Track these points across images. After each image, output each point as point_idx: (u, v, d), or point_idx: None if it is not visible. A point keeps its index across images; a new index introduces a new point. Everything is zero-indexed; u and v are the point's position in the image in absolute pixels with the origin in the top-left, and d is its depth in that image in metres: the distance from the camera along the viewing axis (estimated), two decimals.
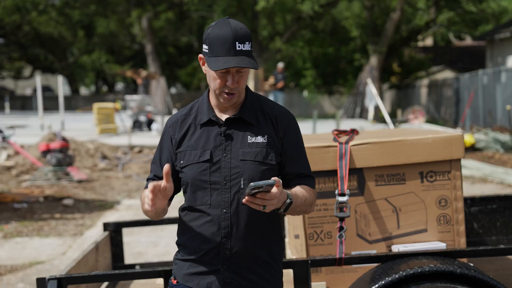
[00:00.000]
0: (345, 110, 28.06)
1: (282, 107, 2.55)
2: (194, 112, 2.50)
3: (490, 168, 11.65)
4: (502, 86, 19.69)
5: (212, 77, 2.38)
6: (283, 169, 2.49)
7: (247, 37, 2.36)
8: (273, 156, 2.43)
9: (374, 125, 20.94)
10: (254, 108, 2.47)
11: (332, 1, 29.04)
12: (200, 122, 2.46)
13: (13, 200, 9.39)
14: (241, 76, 2.38)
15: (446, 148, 3.20)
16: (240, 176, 2.38)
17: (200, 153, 2.42)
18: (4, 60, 39.60)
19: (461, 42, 40.30)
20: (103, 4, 34.08)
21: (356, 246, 3.22)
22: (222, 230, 2.37)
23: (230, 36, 2.32)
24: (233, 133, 2.43)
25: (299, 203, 2.37)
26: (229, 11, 28.33)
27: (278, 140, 2.46)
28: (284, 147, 2.47)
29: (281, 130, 2.47)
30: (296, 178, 2.50)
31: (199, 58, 2.46)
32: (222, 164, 2.39)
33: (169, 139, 2.50)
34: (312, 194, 2.48)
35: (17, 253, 6.98)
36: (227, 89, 2.37)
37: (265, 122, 2.46)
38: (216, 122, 2.44)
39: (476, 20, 28.80)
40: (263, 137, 2.43)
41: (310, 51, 33.64)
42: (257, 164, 2.39)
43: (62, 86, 20.92)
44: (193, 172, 2.41)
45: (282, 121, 2.49)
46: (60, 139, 11.81)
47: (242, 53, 2.34)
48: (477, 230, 4.11)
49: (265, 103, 2.52)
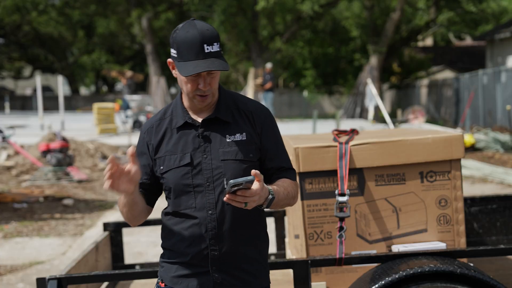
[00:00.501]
0: (345, 110, 28.07)
1: (256, 102, 2.53)
2: (168, 116, 2.48)
3: (490, 168, 11.65)
4: (502, 86, 19.69)
5: (184, 81, 2.36)
6: (263, 164, 2.48)
7: (214, 38, 2.33)
8: (254, 152, 2.42)
9: (374, 125, 20.95)
10: (229, 106, 2.46)
11: (332, 1, 29.05)
12: (176, 125, 2.44)
13: (13, 200, 9.39)
14: (212, 78, 2.36)
15: (446, 148, 3.20)
16: (222, 177, 2.37)
17: (180, 157, 2.39)
18: (4, 60, 39.61)
19: (461, 42, 40.30)
20: (103, 4, 34.10)
21: (356, 246, 3.22)
22: (209, 232, 2.36)
23: (198, 39, 2.30)
24: (210, 134, 2.41)
25: (282, 197, 2.37)
26: (229, 11, 28.33)
27: (256, 136, 2.45)
28: (263, 143, 2.46)
29: (258, 125, 2.46)
30: (277, 172, 2.49)
31: (168, 63, 2.42)
32: (203, 166, 2.38)
33: (146, 145, 2.47)
34: (294, 187, 2.47)
35: (17, 253, 6.98)
36: (200, 92, 2.35)
37: (242, 119, 2.45)
38: (193, 125, 2.42)
39: (476, 20, 28.80)
40: (241, 135, 2.42)
41: (310, 51, 33.64)
42: (238, 162, 2.39)
43: (62, 86, 20.93)
44: (175, 176, 2.39)
45: (258, 116, 2.47)
46: (60, 139, 11.82)
47: (211, 55, 2.31)
48: (477, 230, 4.11)
49: (239, 100, 2.50)
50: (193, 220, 2.39)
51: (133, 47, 42.20)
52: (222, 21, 28.70)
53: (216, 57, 2.32)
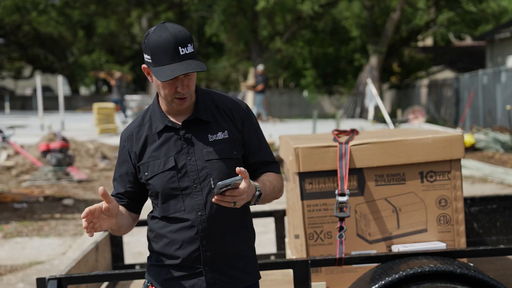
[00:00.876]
0: (345, 110, 28.07)
1: (234, 99, 2.52)
2: (147, 122, 2.45)
3: (490, 168, 11.65)
4: (502, 86, 19.69)
5: (161, 86, 2.33)
6: (246, 160, 2.47)
7: (188, 40, 2.30)
8: (237, 149, 2.42)
9: (374, 125, 20.95)
10: (208, 106, 2.44)
11: (332, 1, 29.04)
12: (157, 130, 2.41)
13: (13, 200, 9.39)
14: (190, 79, 2.33)
15: (446, 148, 3.20)
16: (209, 177, 2.36)
17: (164, 161, 2.38)
18: (4, 60, 39.59)
19: (461, 42, 40.30)
20: (103, 4, 34.10)
21: (356, 246, 3.22)
22: (200, 233, 2.36)
23: (172, 42, 2.26)
24: (192, 135, 2.39)
25: (268, 192, 2.37)
26: (229, 11, 28.32)
27: (238, 132, 2.44)
28: (245, 138, 2.45)
29: (238, 122, 2.45)
30: (260, 167, 2.49)
31: (143, 69, 2.39)
32: (188, 168, 2.36)
33: (127, 153, 2.45)
34: (279, 180, 2.47)
35: (17, 253, 6.98)
36: (179, 95, 2.33)
37: (222, 118, 2.44)
38: (173, 128, 2.40)
39: (476, 20, 28.80)
40: (223, 133, 2.41)
41: (310, 51, 33.64)
42: (223, 161, 2.38)
43: (62, 86, 20.93)
44: (161, 181, 2.37)
45: (238, 113, 2.46)
46: (60, 139, 11.82)
47: (187, 57, 2.28)
48: (477, 230, 4.11)
49: (217, 97, 2.49)
50: (183, 222, 2.37)
51: (133, 47, 42.16)
52: (222, 21, 28.69)
53: (191, 59, 2.30)
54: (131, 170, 2.45)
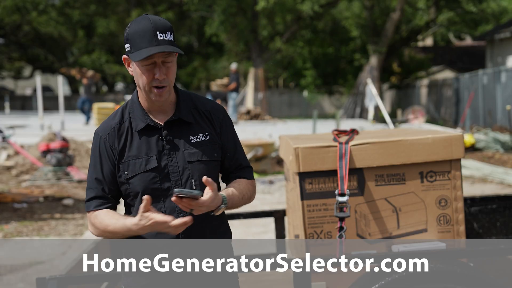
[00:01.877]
0: (345, 110, 28.07)
1: (212, 101, 2.52)
2: (127, 119, 2.40)
3: (490, 168, 11.65)
4: (502, 86, 19.69)
5: (139, 73, 2.30)
6: (223, 163, 2.48)
7: (168, 28, 2.30)
8: (217, 152, 2.43)
9: (374, 125, 20.95)
10: (188, 107, 2.43)
11: (332, 1, 29.05)
12: (137, 129, 2.37)
13: (13, 200, 9.38)
14: (168, 68, 2.31)
15: (446, 148, 3.20)
16: (191, 178, 2.35)
17: (145, 161, 2.34)
18: (4, 60, 39.58)
19: (461, 42, 40.30)
20: (103, 4, 34.10)
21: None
22: (181, 234, 2.33)
23: (150, 28, 2.26)
24: (174, 135, 2.37)
25: (236, 201, 2.38)
26: (229, 11, 28.33)
27: (217, 135, 2.44)
28: (223, 142, 2.46)
29: (217, 125, 2.45)
30: (235, 171, 2.50)
31: (124, 60, 2.36)
32: (170, 169, 2.35)
33: (108, 149, 2.38)
34: (250, 187, 2.48)
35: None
36: (156, 82, 2.29)
37: (202, 120, 2.43)
38: (155, 127, 2.37)
39: (476, 20, 28.81)
40: (204, 135, 2.41)
41: (310, 51, 33.64)
42: (204, 163, 2.38)
43: (62, 86, 20.92)
44: (143, 181, 2.34)
45: (217, 116, 2.46)
46: (60, 139, 11.82)
47: (165, 43, 2.27)
48: (477, 230, 4.11)
49: (197, 99, 2.48)
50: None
51: None
52: (222, 21, 28.70)
53: (170, 45, 2.28)
54: (110, 168, 2.39)
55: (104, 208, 2.39)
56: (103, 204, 2.40)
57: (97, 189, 2.40)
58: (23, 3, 34.77)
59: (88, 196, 2.42)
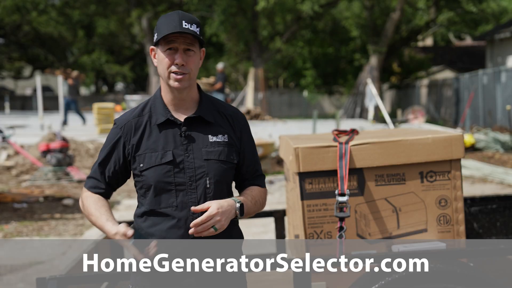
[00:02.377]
0: (345, 110, 28.08)
1: (233, 107, 2.55)
2: (147, 113, 2.44)
3: (490, 168, 11.65)
4: (502, 86, 19.69)
5: (161, 59, 2.35)
6: (240, 168, 2.49)
7: (194, 21, 2.35)
8: (234, 155, 2.44)
9: (374, 125, 20.95)
10: (210, 107, 2.46)
11: (332, 1, 29.05)
12: (157, 122, 2.41)
13: (13, 200, 9.38)
14: (189, 56, 2.34)
15: (446, 148, 3.20)
16: (205, 176, 2.36)
17: (161, 155, 2.37)
18: (4, 60, 39.58)
19: (461, 42, 40.30)
20: (103, 4, 34.09)
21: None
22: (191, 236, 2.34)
23: (177, 18, 2.32)
24: (193, 132, 2.40)
25: (249, 208, 2.41)
26: (229, 11, 28.33)
27: (236, 140, 2.46)
28: (242, 147, 2.48)
29: (237, 130, 2.48)
30: (250, 178, 2.52)
31: (150, 51, 2.42)
32: (185, 165, 2.36)
33: (121, 142, 2.43)
34: (262, 195, 2.52)
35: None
36: (175, 67, 2.33)
37: (223, 122, 2.46)
38: (174, 122, 2.40)
39: (476, 20, 28.81)
40: (224, 136, 2.43)
41: (310, 51, 33.65)
42: (221, 163, 2.39)
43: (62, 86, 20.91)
44: (156, 174, 2.36)
45: (238, 121, 2.49)
46: (60, 139, 11.81)
47: (189, 31, 2.31)
48: (477, 230, 4.11)
49: (217, 102, 2.51)
50: (172, 220, 2.36)
51: (133, 47, 42.20)
52: (222, 21, 28.70)
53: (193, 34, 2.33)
54: (118, 158, 2.43)
55: (96, 192, 2.49)
56: (96, 187, 2.49)
57: (98, 173, 2.49)
58: (23, 3, 34.77)
59: (90, 174, 2.53)
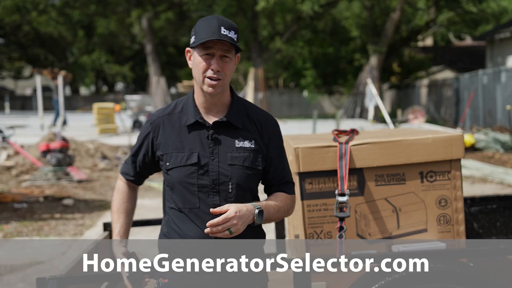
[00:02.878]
0: (345, 110, 28.08)
1: (266, 112, 2.56)
2: (178, 112, 2.47)
3: (490, 168, 11.65)
4: (502, 86, 19.69)
5: (197, 63, 2.37)
6: (267, 173, 2.50)
7: (233, 27, 2.36)
8: (260, 161, 2.45)
9: (374, 125, 20.95)
10: (240, 112, 2.47)
11: (332, 1, 29.05)
12: (186, 123, 2.43)
13: (13, 200, 9.38)
14: (225, 62, 2.36)
15: (446, 148, 3.20)
16: (228, 181, 2.38)
17: (187, 156, 2.39)
18: (4, 60, 39.59)
19: (461, 42, 40.31)
20: (103, 4, 34.10)
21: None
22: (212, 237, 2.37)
23: (216, 23, 2.33)
24: (220, 136, 2.41)
25: (272, 214, 2.41)
26: (229, 11, 28.34)
27: (263, 145, 2.47)
28: (269, 153, 2.48)
29: (266, 136, 2.48)
30: (277, 184, 2.53)
31: (186, 52, 2.45)
32: (210, 168, 2.38)
33: (150, 137, 2.50)
34: (288, 202, 2.52)
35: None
36: (211, 73, 2.35)
37: (251, 127, 2.46)
38: (203, 125, 2.42)
39: (476, 20, 28.82)
40: (250, 142, 2.43)
41: (310, 51, 33.66)
42: (245, 169, 2.40)
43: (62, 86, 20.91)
44: (180, 174, 2.39)
45: (267, 127, 2.49)
46: (60, 139, 11.81)
47: (227, 38, 2.33)
48: (477, 230, 4.11)
49: (250, 107, 2.52)
50: (194, 220, 2.40)
51: (133, 47, 42.21)
52: None
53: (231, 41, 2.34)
54: (147, 151, 2.51)
55: (127, 179, 2.63)
56: (128, 174, 2.63)
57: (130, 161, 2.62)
58: (23, 3, 34.78)
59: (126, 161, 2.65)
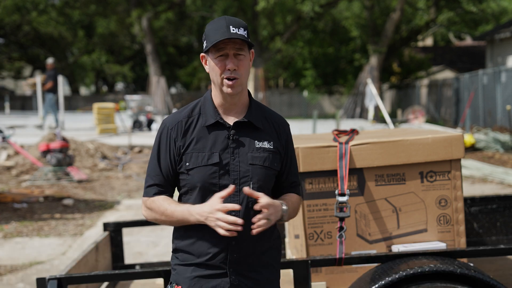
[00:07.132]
0: (345, 110, 28.06)
1: (278, 114, 2.58)
2: (196, 114, 2.47)
3: (490, 168, 11.65)
4: (502, 86, 19.68)
5: (212, 66, 2.38)
6: (280, 176, 2.53)
7: (242, 25, 2.37)
8: (277, 162, 2.48)
9: (374, 125, 20.94)
10: (259, 113, 2.49)
11: (332, 1, 29.04)
12: (206, 124, 2.44)
13: (13, 200, 9.38)
14: (240, 60, 2.37)
15: (446, 148, 3.20)
16: (249, 180, 2.39)
17: (208, 156, 2.40)
18: (4, 60, 39.57)
19: (461, 42, 40.29)
20: (103, 4, 34.08)
21: (356, 246, 3.22)
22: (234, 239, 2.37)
23: (224, 24, 2.35)
24: (241, 136, 2.43)
25: (290, 211, 2.48)
26: (229, 11, 28.34)
27: (281, 147, 2.50)
28: (285, 156, 2.52)
29: (283, 138, 2.52)
30: (288, 186, 2.56)
31: (201, 58, 2.46)
32: (231, 168, 2.39)
33: (171, 142, 2.46)
34: (297, 202, 2.58)
35: (17, 253, 6.98)
36: (228, 73, 2.36)
37: (270, 129, 2.49)
38: (223, 125, 2.43)
39: (476, 20, 28.79)
40: (269, 143, 2.46)
41: (310, 51, 33.63)
42: (265, 169, 2.43)
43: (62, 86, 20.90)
44: (202, 175, 2.39)
45: (284, 129, 2.53)
46: (60, 139, 11.81)
47: (237, 35, 2.34)
48: (477, 230, 4.11)
49: (265, 109, 2.55)
50: None
51: (133, 47, 42.20)
52: None
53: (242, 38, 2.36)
54: (171, 159, 2.46)
55: (157, 192, 2.48)
56: (161, 192, 2.48)
57: (157, 177, 2.48)
58: (23, 3, 34.77)
59: (147, 182, 2.50)
